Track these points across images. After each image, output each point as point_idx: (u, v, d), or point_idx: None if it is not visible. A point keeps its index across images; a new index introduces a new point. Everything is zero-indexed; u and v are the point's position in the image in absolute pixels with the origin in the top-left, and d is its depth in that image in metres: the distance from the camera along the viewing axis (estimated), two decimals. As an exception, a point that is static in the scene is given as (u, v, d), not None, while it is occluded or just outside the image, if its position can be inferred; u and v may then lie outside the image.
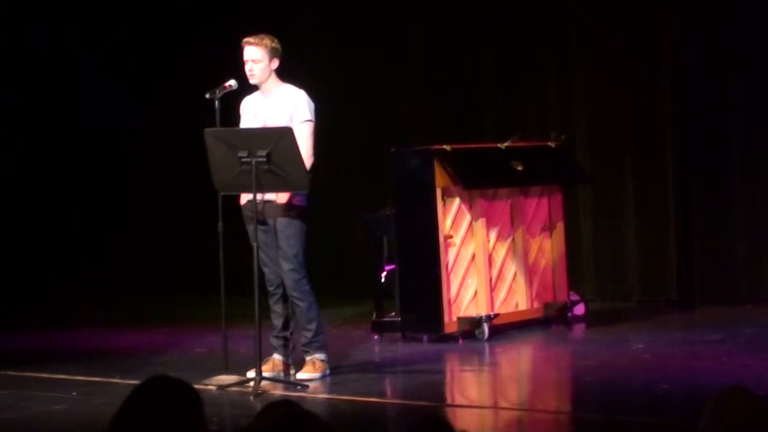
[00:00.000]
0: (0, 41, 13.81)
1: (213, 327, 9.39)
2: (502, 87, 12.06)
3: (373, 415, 7.44)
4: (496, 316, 9.76)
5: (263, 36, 8.21)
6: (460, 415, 7.39)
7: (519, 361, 9.48)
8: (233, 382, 7.99)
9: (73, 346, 10.12)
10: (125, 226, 13.94)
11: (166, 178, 13.57)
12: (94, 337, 10.68)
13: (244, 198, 8.21)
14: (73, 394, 8.04)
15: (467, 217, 9.81)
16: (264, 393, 7.75)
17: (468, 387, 8.61)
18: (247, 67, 8.19)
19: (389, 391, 8.29)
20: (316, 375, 8.20)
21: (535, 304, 10.27)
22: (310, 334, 8.22)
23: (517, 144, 10.36)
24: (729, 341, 9.18)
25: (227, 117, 8.28)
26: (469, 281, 9.80)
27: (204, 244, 11.40)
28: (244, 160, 7.74)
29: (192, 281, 12.97)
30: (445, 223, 9.67)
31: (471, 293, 9.80)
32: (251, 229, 8.07)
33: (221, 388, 7.89)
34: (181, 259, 13.54)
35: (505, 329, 9.84)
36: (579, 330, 10.25)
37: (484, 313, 9.69)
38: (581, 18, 11.67)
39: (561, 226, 10.48)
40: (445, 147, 9.70)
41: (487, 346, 9.46)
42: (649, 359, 8.68)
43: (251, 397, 7.70)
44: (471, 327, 9.63)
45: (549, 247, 10.43)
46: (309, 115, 8.15)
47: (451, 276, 9.67)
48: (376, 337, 9.98)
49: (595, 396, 7.78)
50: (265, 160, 7.70)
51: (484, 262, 9.83)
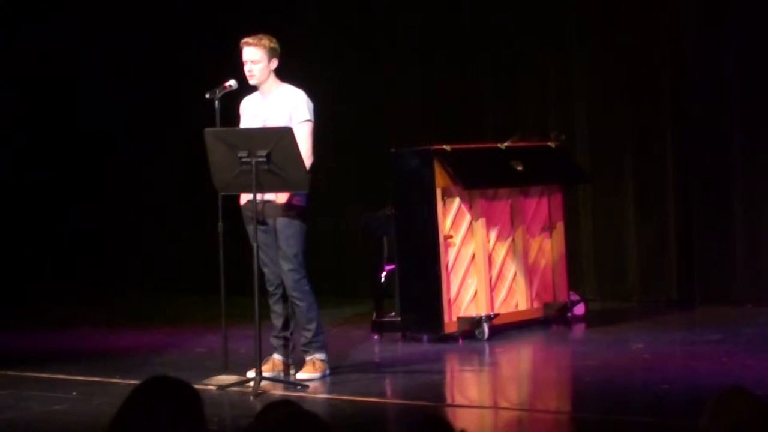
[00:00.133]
0: (0, 41, 13.81)
1: (213, 327, 9.39)
2: (502, 87, 12.06)
3: (373, 415, 7.43)
4: (496, 316, 9.76)
5: (262, 36, 8.21)
6: (460, 415, 7.38)
7: (519, 361, 9.48)
8: (233, 382, 7.98)
9: (73, 346, 10.12)
10: (125, 226, 13.94)
11: (166, 178, 13.57)
12: (94, 337, 10.67)
13: (243, 198, 8.21)
14: (73, 394, 8.03)
15: (467, 217, 9.81)
16: (264, 393, 7.75)
17: (468, 387, 8.60)
18: (246, 68, 8.19)
19: (389, 391, 8.29)
20: (316, 375, 8.19)
21: (535, 304, 10.27)
22: (310, 334, 8.22)
23: (517, 144, 10.36)
24: (729, 341, 9.18)
25: (227, 117, 8.28)
26: (469, 281, 9.80)
27: (204, 244, 11.40)
28: (244, 160, 7.74)
29: (192, 281, 12.97)
30: (445, 223, 9.67)
31: (471, 293, 9.80)
32: (251, 229, 8.07)
33: (221, 388, 7.89)
34: (181, 259, 13.54)
35: (505, 329, 9.84)
36: (579, 330, 10.25)
37: (484, 313, 9.69)
38: (581, 18, 11.67)
39: (561, 226, 10.48)
40: (445, 147, 9.70)
41: (487, 346, 9.46)
42: (649, 359, 8.67)
43: (251, 397, 7.69)
44: (471, 327, 9.62)
45: (549, 247, 10.43)
46: (308, 115, 8.14)
47: (451, 276, 9.67)
48: (376, 337, 9.98)
49: (595, 396, 7.77)
50: (265, 160, 7.70)
51: (484, 262, 9.83)
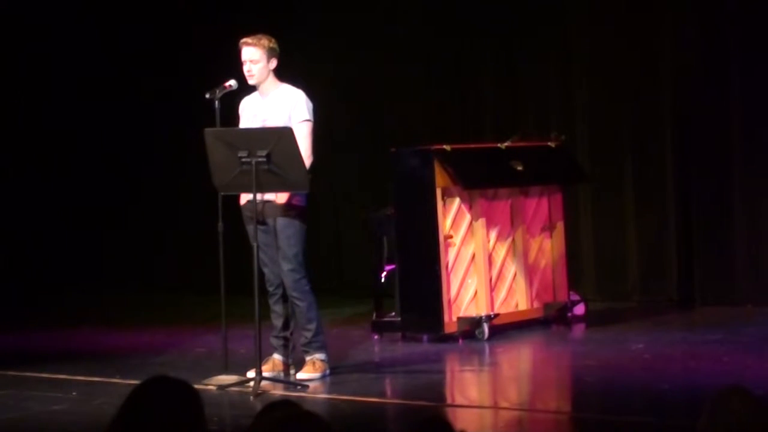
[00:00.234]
0: (2, 41, 13.81)
1: (213, 327, 9.39)
2: (502, 87, 12.05)
3: (373, 415, 7.43)
4: (496, 316, 9.76)
5: (261, 36, 8.21)
6: (460, 415, 7.38)
7: (519, 361, 9.48)
8: (233, 382, 7.98)
9: (73, 346, 10.11)
10: (125, 226, 13.93)
11: (166, 178, 13.56)
12: (94, 337, 10.67)
13: (243, 198, 8.21)
14: (73, 394, 8.03)
15: (467, 217, 9.80)
16: (264, 393, 7.75)
17: (468, 387, 8.60)
18: (245, 68, 8.19)
19: (389, 391, 8.29)
20: (316, 375, 8.19)
21: (535, 304, 10.26)
22: (309, 334, 8.22)
23: (517, 144, 10.36)
24: (729, 341, 9.18)
25: (227, 117, 8.28)
26: (469, 281, 9.80)
27: (204, 244, 11.40)
28: (244, 160, 7.74)
29: (192, 281, 12.96)
30: (445, 223, 9.67)
31: (471, 293, 9.80)
32: (251, 229, 8.07)
33: (221, 388, 7.89)
34: (181, 259, 13.54)
35: (505, 329, 9.84)
36: (579, 330, 10.24)
37: (484, 313, 9.68)
38: (581, 18, 11.67)
39: (561, 226, 10.48)
40: (445, 147, 9.69)
41: (487, 346, 9.45)
42: (649, 359, 8.67)
43: (251, 397, 7.69)
44: (471, 327, 9.62)
45: (549, 247, 10.43)
46: (307, 115, 8.14)
47: (451, 276, 9.67)
48: (376, 337, 9.98)
49: (595, 396, 7.77)
50: (265, 160, 7.70)
51: (484, 262, 9.83)
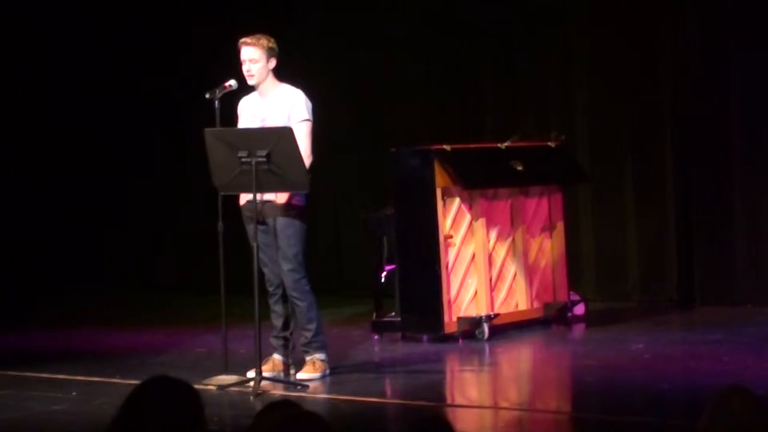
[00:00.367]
0: (3, 42, 13.81)
1: (213, 327, 9.39)
2: (502, 87, 12.05)
3: (373, 415, 7.43)
4: (496, 316, 9.76)
5: (260, 36, 8.20)
6: (460, 415, 7.38)
7: (519, 361, 9.47)
8: (233, 382, 7.98)
9: (73, 346, 10.11)
10: (125, 226, 13.93)
11: (166, 178, 13.56)
12: (94, 337, 10.66)
13: (243, 198, 8.21)
14: (73, 394, 8.03)
15: (467, 217, 9.80)
16: (264, 393, 7.75)
17: (468, 387, 8.60)
18: (244, 68, 8.18)
19: (389, 391, 8.28)
20: (316, 375, 8.19)
21: (535, 304, 10.26)
22: (309, 334, 8.22)
23: (517, 144, 10.36)
24: (729, 341, 9.17)
25: (227, 117, 8.28)
26: (469, 281, 9.80)
27: (204, 244, 11.40)
28: (244, 160, 7.74)
29: (192, 281, 12.96)
30: (445, 223, 9.67)
31: (471, 293, 9.80)
32: (251, 229, 8.07)
33: (221, 388, 7.89)
34: (181, 259, 13.54)
35: (505, 329, 9.84)
36: (579, 330, 10.24)
37: (484, 313, 9.68)
38: (581, 18, 11.67)
39: (561, 226, 10.48)
40: (445, 147, 9.69)
41: (487, 346, 9.45)
42: (649, 359, 8.67)
43: (251, 397, 7.69)
44: (471, 327, 9.62)
45: (549, 247, 10.43)
46: (307, 115, 8.14)
47: (451, 276, 9.67)
48: (376, 337, 9.98)
49: (595, 396, 7.77)
50: (265, 160, 7.70)
51: (484, 262, 9.83)
